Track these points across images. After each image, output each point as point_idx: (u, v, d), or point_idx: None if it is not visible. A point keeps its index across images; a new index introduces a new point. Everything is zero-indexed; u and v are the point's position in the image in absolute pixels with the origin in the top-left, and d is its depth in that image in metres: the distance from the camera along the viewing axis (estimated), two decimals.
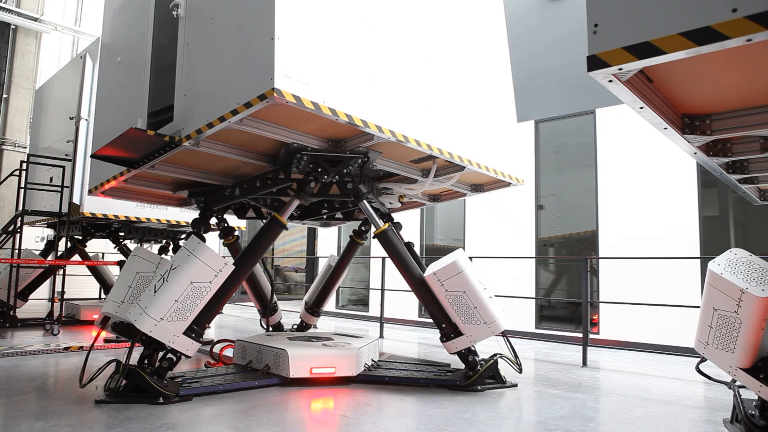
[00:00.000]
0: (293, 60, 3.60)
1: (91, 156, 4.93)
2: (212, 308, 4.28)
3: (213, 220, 5.86)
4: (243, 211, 6.30)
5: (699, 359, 3.48)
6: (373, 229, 5.04)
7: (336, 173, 4.77)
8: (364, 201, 4.96)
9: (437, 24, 5.22)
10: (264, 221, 6.40)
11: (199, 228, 5.44)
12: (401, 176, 5.77)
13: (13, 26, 14.27)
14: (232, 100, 3.75)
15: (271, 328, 6.56)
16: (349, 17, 4.20)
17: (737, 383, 3.18)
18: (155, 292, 3.96)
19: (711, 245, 7.29)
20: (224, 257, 4.31)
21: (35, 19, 14.43)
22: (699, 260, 7.07)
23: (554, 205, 9.10)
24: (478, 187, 6.49)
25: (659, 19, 1.82)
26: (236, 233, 6.35)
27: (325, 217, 6.61)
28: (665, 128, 2.58)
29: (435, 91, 5.03)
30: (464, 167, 5.37)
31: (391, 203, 6.41)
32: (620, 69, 1.94)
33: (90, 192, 5.80)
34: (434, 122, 4.93)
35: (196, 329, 4.13)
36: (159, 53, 4.90)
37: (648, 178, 7.90)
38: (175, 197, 6.31)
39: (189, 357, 4.17)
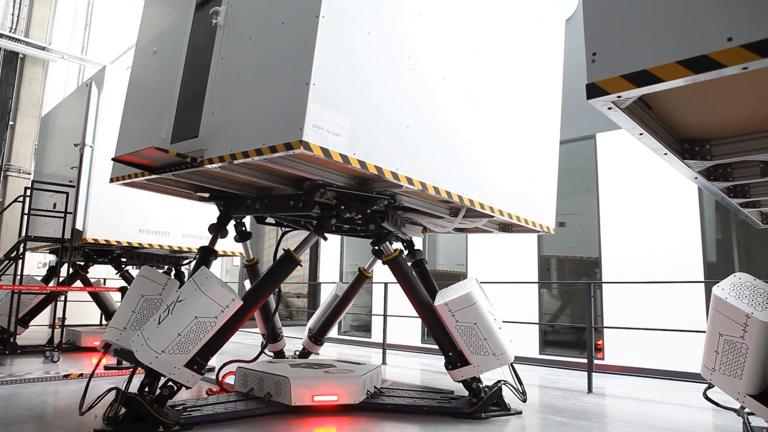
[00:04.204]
0: (326, 108, 3.37)
1: (112, 160, 4.79)
2: (216, 342, 4.17)
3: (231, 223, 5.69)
4: (263, 217, 6.11)
5: (706, 385, 3.44)
6: (384, 253, 4.93)
7: (360, 211, 4.59)
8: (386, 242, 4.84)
9: (487, 60, 4.87)
10: (282, 229, 6.28)
11: (216, 233, 5.28)
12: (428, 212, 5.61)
13: (21, 55, 14.52)
14: (259, 139, 3.56)
15: (273, 355, 6.49)
16: (395, 57, 3.92)
17: (746, 410, 3.13)
18: (159, 323, 3.90)
19: (715, 268, 7.25)
20: (230, 283, 4.26)
21: (43, 48, 14.70)
22: (703, 284, 7.03)
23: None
24: (506, 227, 6.28)
25: (656, 47, 1.84)
26: (255, 257, 6.25)
27: (343, 234, 6.50)
28: (665, 154, 2.59)
29: (476, 136, 4.75)
30: (494, 216, 5.18)
31: (412, 236, 6.27)
32: (619, 96, 1.96)
33: (111, 181, 5.63)
34: (469, 170, 4.66)
35: (198, 361, 4.04)
36: (195, 56, 4.65)
37: (650, 201, 7.90)
38: (196, 196, 6.01)
39: (189, 388, 4.11)
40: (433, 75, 4.28)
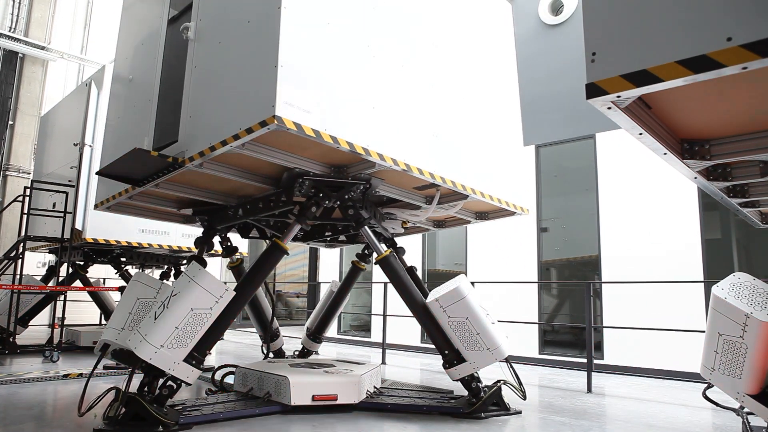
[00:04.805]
0: (296, 87, 3.63)
1: (96, 173, 4.95)
2: (213, 334, 4.23)
3: (216, 238, 5.83)
4: (246, 230, 6.28)
5: (706, 385, 3.44)
6: (374, 254, 5.02)
7: (338, 198, 4.78)
8: (366, 227, 4.96)
9: (445, 50, 5.23)
10: (267, 241, 6.36)
11: (203, 247, 5.40)
12: (404, 202, 5.78)
13: (20, 55, 14.51)
14: (235, 125, 3.78)
15: (272, 354, 6.49)
16: (355, 45, 4.23)
17: (745, 410, 3.13)
18: (155, 319, 3.93)
19: (714, 268, 7.25)
20: (225, 282, 4.29)
21: (42, 48, 14.68)
22: (702, 284, 7.03)
23: (557, 229, 9.09)
24: (482, 215, 6.46)
25: (656, 47, 1.85)
26: (239, 257, 6.32)
27: (328, 239, 6.60)
28: (665, 153, 2.59)
29: (440, 118, 5.03)
30: (468, 196, 5.37)
31: (393, 228, 6.38)
32: (619, 96, 1.96)
33: (96, 207, 5.78)
34: (439, 150, 4.92)
35: (196, 356, 4.08)
36: (169, 74, 4.95)
37: (649, 201, 7.91)
38: (180, 214, 6.28)
39: (189, 384, 4.12)
40: (392, 62, 4.59)
